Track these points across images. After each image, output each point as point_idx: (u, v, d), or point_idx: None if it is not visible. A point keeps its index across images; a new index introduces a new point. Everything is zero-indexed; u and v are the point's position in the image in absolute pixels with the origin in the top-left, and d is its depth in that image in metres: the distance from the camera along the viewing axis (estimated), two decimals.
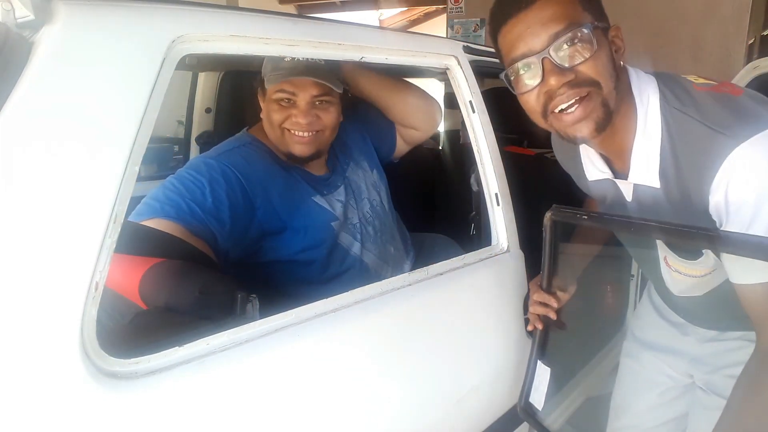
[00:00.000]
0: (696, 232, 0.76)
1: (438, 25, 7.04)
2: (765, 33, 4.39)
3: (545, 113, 0.84)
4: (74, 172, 0.64)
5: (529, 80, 0.83)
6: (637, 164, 0.88)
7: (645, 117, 0.85)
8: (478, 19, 4.62)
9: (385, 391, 0.97)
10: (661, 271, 1.03)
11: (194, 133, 2.24)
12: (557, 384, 1.81)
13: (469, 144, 1.33)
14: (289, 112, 1.30)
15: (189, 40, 0.77)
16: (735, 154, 0.75)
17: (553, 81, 0.79)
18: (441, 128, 2.50)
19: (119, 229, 0.67)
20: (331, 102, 1.34)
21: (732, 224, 0.79)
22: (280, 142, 1.35)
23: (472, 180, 1.51)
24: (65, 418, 0.61)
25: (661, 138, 0.84)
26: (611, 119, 0.83)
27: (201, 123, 2.24)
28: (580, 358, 2.00)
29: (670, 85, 0.86)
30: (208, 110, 2.24)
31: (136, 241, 0.92)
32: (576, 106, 0.81)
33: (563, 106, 0.81)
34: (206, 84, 2.21)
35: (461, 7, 4.68)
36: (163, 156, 2.33)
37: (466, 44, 1.36)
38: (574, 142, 0.88)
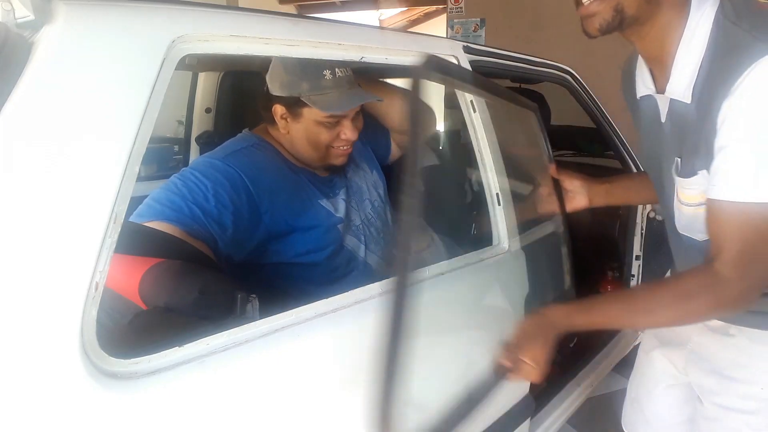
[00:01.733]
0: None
1: (438, 25, 7.04)
2: None
3: (576, 1, 0.88)
4: (74, 172, 0.64)
5: None
6: (676, 76, 0.88)
7: (695, 27, 0.85)
8: (478, 19, 4.62)
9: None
10: (674, 207, 1.02)
11: (194, 133, 2.24)
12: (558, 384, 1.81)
13: (470, 144, 1.34)
14: (336, 131, 1.30)
15: (189, 40, 0.77)
16: (764, 60, 0.74)
17: None
18: (441, 128, 2.50)
19: (119, 229, 0.67)
20: (360, 111, 1.36)
21: (721, 132, 0.79)
22: (318, 159, 1.35)
23: (473, 180, 1.51)
24: (65, 418, 0.61)
25: (705, 50, 0.84)
26: (622, 25, 0.85)
27: (201, 123, 2.24)
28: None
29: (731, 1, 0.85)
30: (208, 110, 2.24)
31: (136, 241, 0.92)
32: (592, 1, 0.84)
33: None
34: (206, 84, 2.21)
35: (461, 7, 4.68)
36: (163, 156, 2.32)
37: (466, 44, 1.36)
38: (588, 35, 0.90)
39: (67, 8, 0.66)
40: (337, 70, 1.26)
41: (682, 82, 0.87)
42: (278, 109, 1.31)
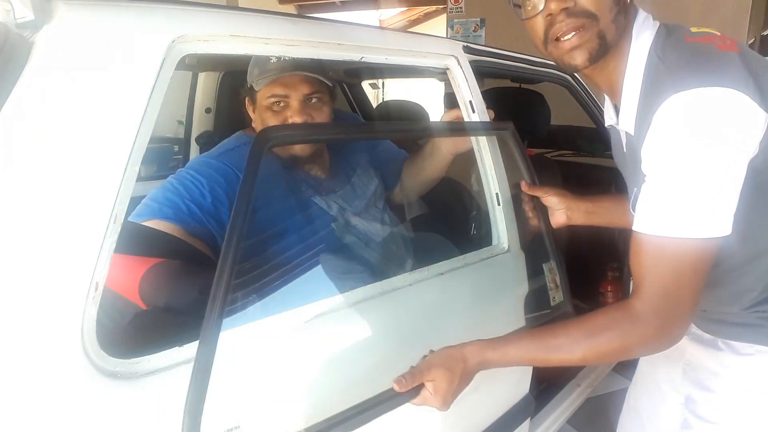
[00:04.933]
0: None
1: (438, 25, 7.04)
2: (765, 33, 4.38)
3: (546, 41, 0.87)
4: (74, 172, 0.64)
5: (533, 5, 0.86)
6: (623, 108, 0.89)
7: (635, 59, 0.86)
8: (478, 19, 4.62)
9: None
10: None
11: (194, 133, 2.24)
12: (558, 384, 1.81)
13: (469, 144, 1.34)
14: (284, 115, 1.29)
15: (189, 40, 0.77)
16: (669, 101, 0.75)
17: (553, 5, 0.83)
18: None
19: (119, 229, 0.67)
20: (323, 100, 1.33)
21: (643, 165, 0.80)
22: (280, 148, 1.34)
23: (473, 180, 1.51)
24: (65, 418, 0.61)
25: (642, 84, 0.84)
26: (606, 51, 0.85)
27: (201, 123, 2.24)
28: None
29: (666, 33, 0.86)
30: (208, 110, 2.24)
31: (135, 241, 0.92)
32: (573, 33, 0.84)
33: (562, 35, 0.85)
34: (206, 84, 2.21)
35: (461, 7, 4.68)
36: (163, 156, 2.32)
37: (466, 44, 1.36)
38: (569, 70, 0.90)
39: (67, 8, 0.66)
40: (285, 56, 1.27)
41: (629, 115, 0.88)
42: (247, 102, 1.36)
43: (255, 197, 1.21)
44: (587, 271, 2.19)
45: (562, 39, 0.85)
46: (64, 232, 0.62)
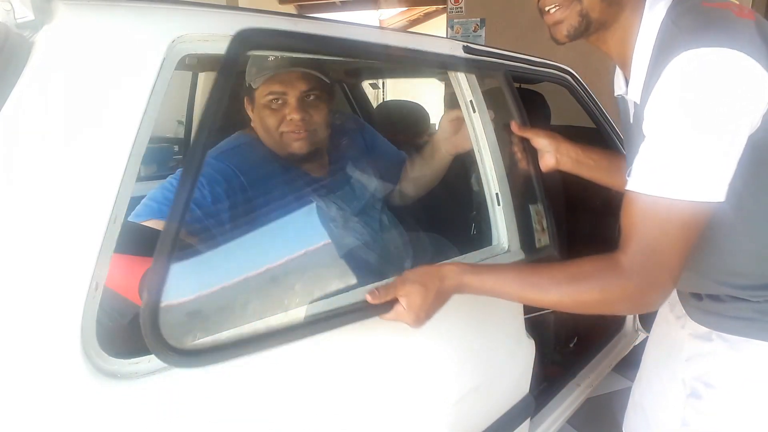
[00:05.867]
0: None
1: (438, 25, 7.04)
2: None
3: (540, 10, 0.90)
4: (74, 172, 0.64)
5: None
6: (632, 78, 0.88)
7: (647, 28, 0.85)
8: (478, 19, 4.62)
9: (384, 392, 0.97)
10: None
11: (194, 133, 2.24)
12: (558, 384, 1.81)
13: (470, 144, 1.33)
14: (282, 113, 1.29)
15: (189, 40, 0.77)
16: (678, 58, 0.74)
17: None
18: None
19: (119, 229, 0.67)
20: (321, 97, 1.33)
21: (644, 126, 0.79)
22: (279, 146, 1.34)
23: (473, 180, 1.51)
24: (65, 418, 0.61)
25: (652, 51, 0.84)
26: (589, 29, 0.87)
27: None
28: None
29: (682, 0, 0.85)
30: None
31: (135, 241, 0.92)
32: (557, 8, 0.86)
33: (547, 7, 0.87)
34: (206, 84, 2.21)
35: (461, 7, 4.68)
36: (163, 156, 2.32)
37: (466, 44, 1.36)
38: (556, 41, 0.91)
39: (67, 8, 0.66)
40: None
41: (637, 84, 0.87)
42: (246, 101, 1.35)
43: (252, 196, 1.22)
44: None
45: (545, 12, 0.88)
46: (64, 232, 0.62)
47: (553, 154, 1.24)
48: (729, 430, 0.96)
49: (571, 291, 0.82)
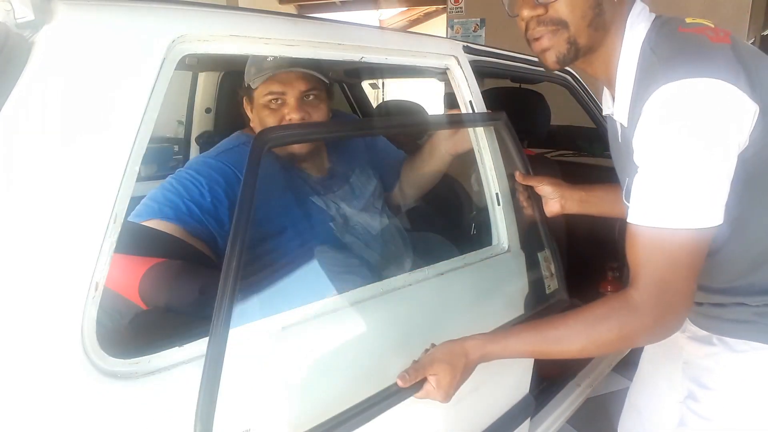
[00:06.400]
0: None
1: (438, 25, 7.04)
2: (765, 33, 4.38)
3: (527, 39, 0.92)
4: (74, 172, 0.64)
5: (513, 7, 0.91)
6: (618, 99, 0.90)
7: (628, 51, 0.87)
8: (478, 19, 4.62)
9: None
10: None
11: (194, 133, 2.24)
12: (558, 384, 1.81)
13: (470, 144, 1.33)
14: (281, 113, 1.28)
15: (189, 40, 0.77)
16: (658, 91, 0.75)
17: (525, 12, 0.87)
18: None
19: (119, 229, 0.67)
20: (320, 97, 1.33)
21: (635, 155, 0.80)
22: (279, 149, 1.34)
23: (473, 180, 1.51)
24: (65, 418, 0.61)
25: (635, 74, 0.85)
26: (578, 54, 0.88)
27: (201, 123, 2.24)
28: None
29: (660, 24, 0.86)
30: (208, 110, 2.24)
31: (135, 241, 0.92)
32: (544, 36, 0.87)
33: (535, 36, 0.89)
34: (206, 84, 2.21)
35: (461, 7, 4.68)
36: (163, 156, 2.32)
37: (466, 44, 1.36)
38: (546, 69, 0.93)
39: (67, 8, 0.66)
40: None
41: (623, 106, 0.89)
42: (245, 102, 1.36)
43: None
44: (587, 271, 2.19)
45: (532, 41, 0.89)
46: (65, 232, 0.62)
47: (557, 201, 1.26)
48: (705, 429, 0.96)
49: (592, 337, 0.83)
